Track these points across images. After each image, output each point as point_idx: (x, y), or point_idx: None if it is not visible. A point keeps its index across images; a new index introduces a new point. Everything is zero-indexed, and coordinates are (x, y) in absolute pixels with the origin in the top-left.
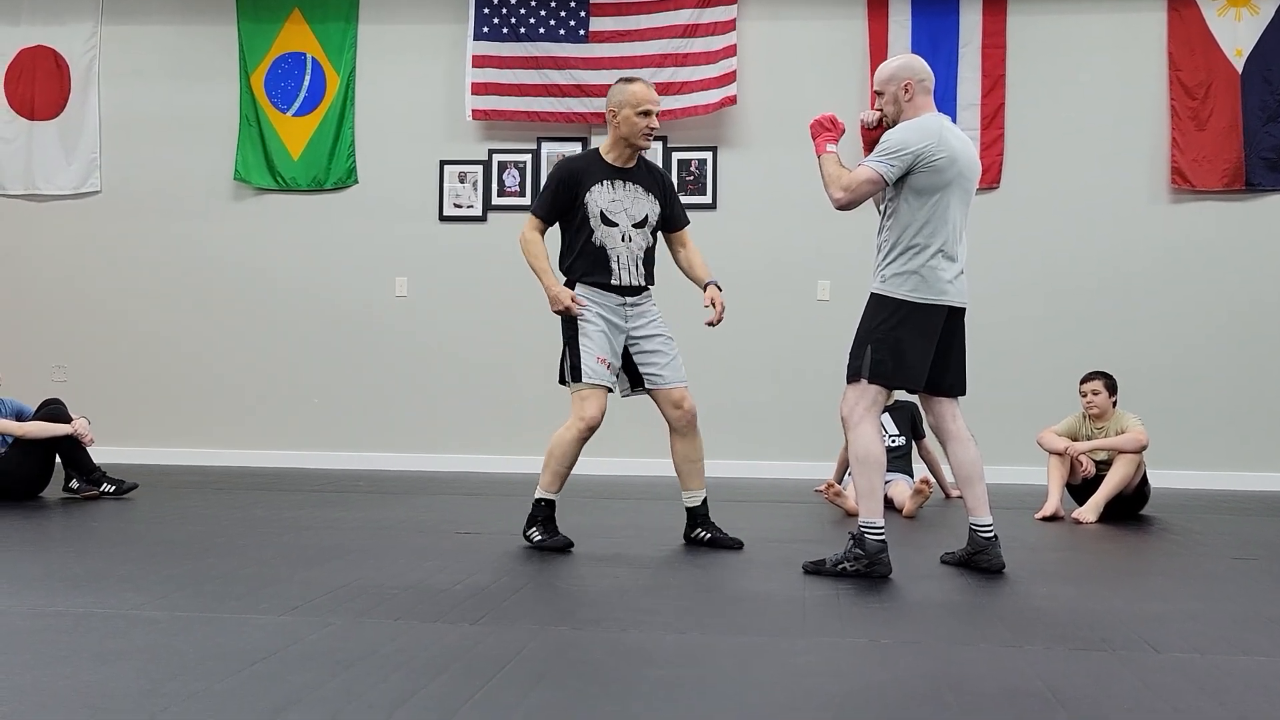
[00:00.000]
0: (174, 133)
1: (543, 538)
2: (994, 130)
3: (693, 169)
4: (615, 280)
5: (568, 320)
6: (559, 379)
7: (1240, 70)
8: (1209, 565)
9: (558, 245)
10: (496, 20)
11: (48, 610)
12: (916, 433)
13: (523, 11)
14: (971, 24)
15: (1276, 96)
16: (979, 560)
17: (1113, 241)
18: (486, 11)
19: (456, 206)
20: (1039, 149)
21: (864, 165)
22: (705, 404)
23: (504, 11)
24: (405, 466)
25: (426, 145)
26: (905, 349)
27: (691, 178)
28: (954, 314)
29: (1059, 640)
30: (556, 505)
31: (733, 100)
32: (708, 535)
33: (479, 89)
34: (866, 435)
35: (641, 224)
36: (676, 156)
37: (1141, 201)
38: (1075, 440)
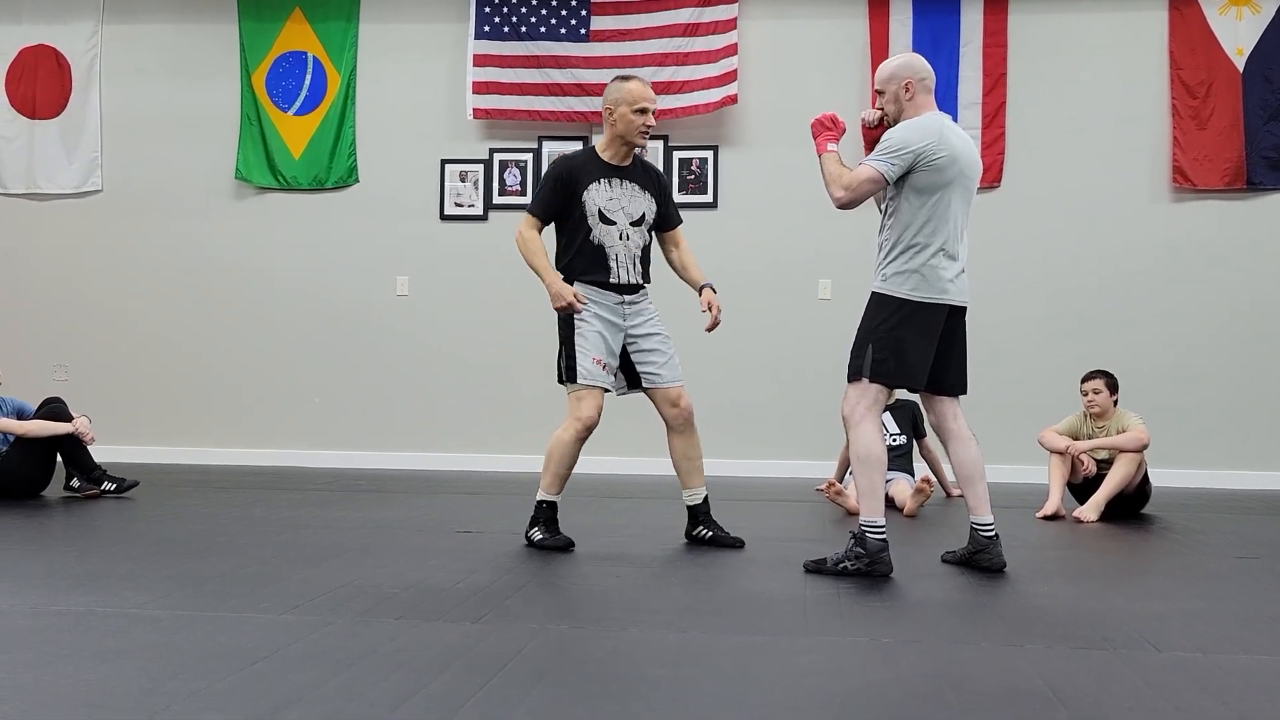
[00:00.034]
0: (175, 132)
1: (544, 537)
2: (995, 129)
3: (693, 168)
4: (613, 279)
5: (564, 320)
6: (557, 378)
7: (1241, 69)
8: (1210, 564)
9: (553, 245)
10: (498, 19)
11: (49, 609)
12: (918, 432)
13: (524, 10)
14: (973, 23)
15: (1277, 95)
16: (980, 559)
17: (1114, 240)
18: (487, 10)
19: (458, 206)
20: (1040, 148)
21: (865, 164)
22: (706, 403)
23: (505, 10)
24: (406, 466)
25: (428, 144)
26: (906, 348)
27: (692, 177)
28: (955, 313)
29: (1060, 639)
30: (559, 506)
31: (733, 99)
32: (709, 533)
33: (480, 88)
34: (868, 434)
35: (639, 222)
36: (677, 155)
37: (1143, 200)
38: (1076, 439)
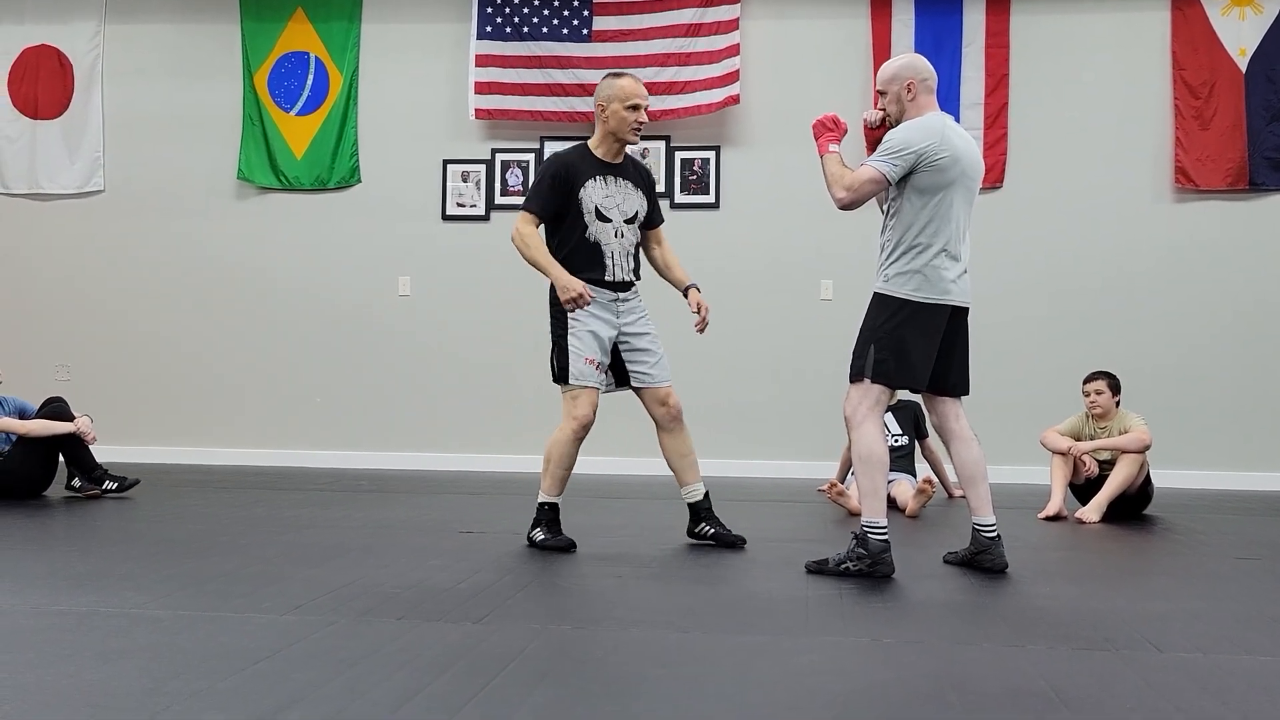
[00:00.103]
0: (177, 132)
1: (546, 537)
2: (997, 129)
3: (695, 168)
4: (609, 276)
5: (557, 319)
6: (551, 377)
7: (1244, 69)
8: (1212, 565)
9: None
10: (500, 19)
11: (50, 609)
12: (919, 432)
13: (526, 11)
14: (975, 23)
15: None
16: (982, 560)
17: (1116, 241)
18: (489, 11)
19: (459, 206)
20: (1042, 148)
21: (867, 165)
22: (708, 403)
23: (507, 11)
24: (407, 466)
25: (429, 144)
26: (908, 349)
27: (694, 177)
28: (957, 313)
29: (1062, 640)
30: (560, 507)
31: (735, 100)
32: (711, 531)
33: (482, 88)
34: (869, 435)
35: (632, 220)
36: (679, 156)
37: (1145, 201)
38: (1078, 440)
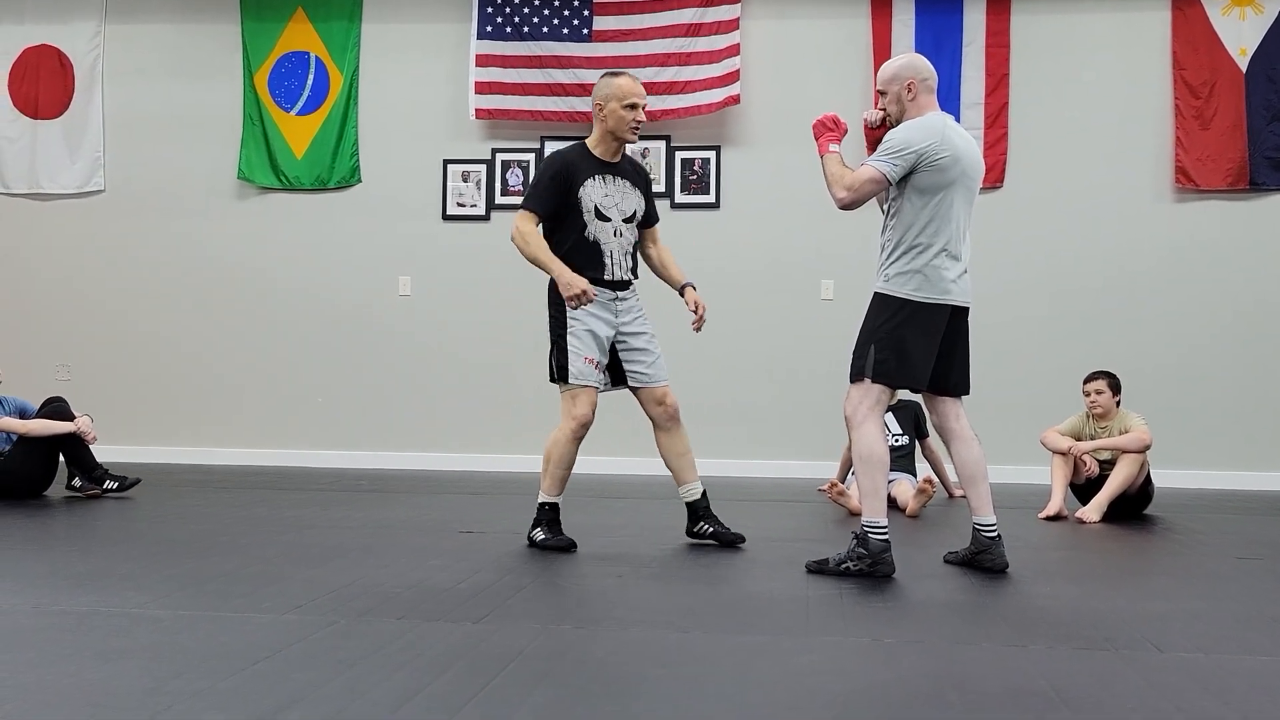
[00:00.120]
0: (177, 132)
1: (546, 537)
2: (998, 129)
3: (696, 168)
4: (608, 275)
5: (556, 319)
6: (549, 377)
7: (1244, 69)
8: (1213, 565)
9: None
10: (500, 19)
11: (51, 609)
12: (920, 432)
13: (526, 10)
14: (975, 23)
15: None
16: (982, 560)
17: (1117, 241)
18: (490, 10)
19: (460, 206)
20: (1043, 148)
21: (867, 164)
22: (709, 403)
23: (507, 10)
24: (408, 465)
25: (430, 144)
26: (909, 348)
27: (695, 177)
28: (958, 313)
29: (1062, 640)
30: (560, 507)
31: (736, 99)
32: (711, 529)
33: (482, 88)
34: (870, 435)
35: (630, 219)
36: (680, 156)
37: (1146, 201)
38: (1079, 440)
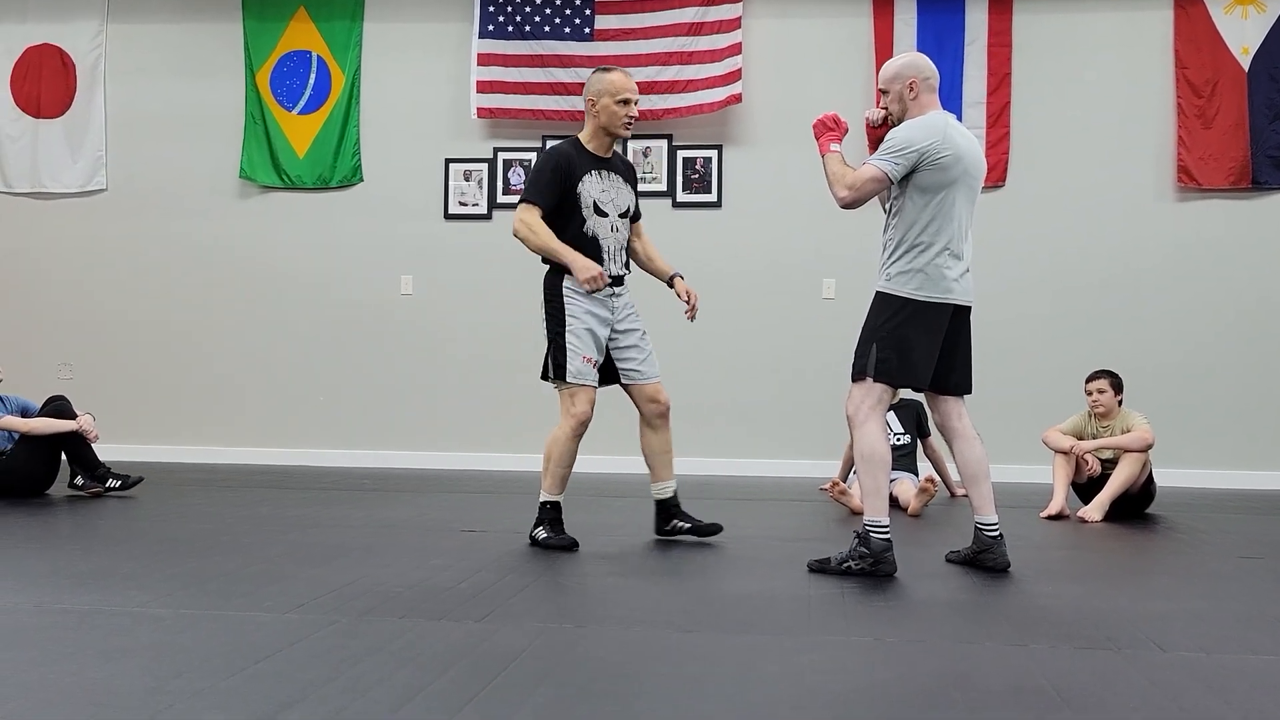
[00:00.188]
0: (179, 131)
1: (548, 536)
2: (1000, 128)
3: (697, 167)
4: (605, 270)
5: (554, 316)
6: (542, 374)
7: (1247, 68)
8: (1215, 564)
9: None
10: (501, 18)
11: (53, 607)
12: (921, 431)
13: (528, 9)
14: (977, 22)
15: None
16: (984, 559)
17: (1119, 240)
18: (491, 9)
19: (462, 205)
20: (1045, 147)
21: (868, 163)
22: (710, 402)
23: (509, 9)
24: (410, 464)
25: (431, 143)
26: (910, 347)
27: (696, 176)
28: (959, 312)
29: (1064, 639)
30: (562, 506)
31: (738, 99)
32: (687, 525)
33: (484, 87)
34: (872, 434)
35: (625, 214)
36: (681, 155)
37: (1148, 199)
38: (1081, 439)
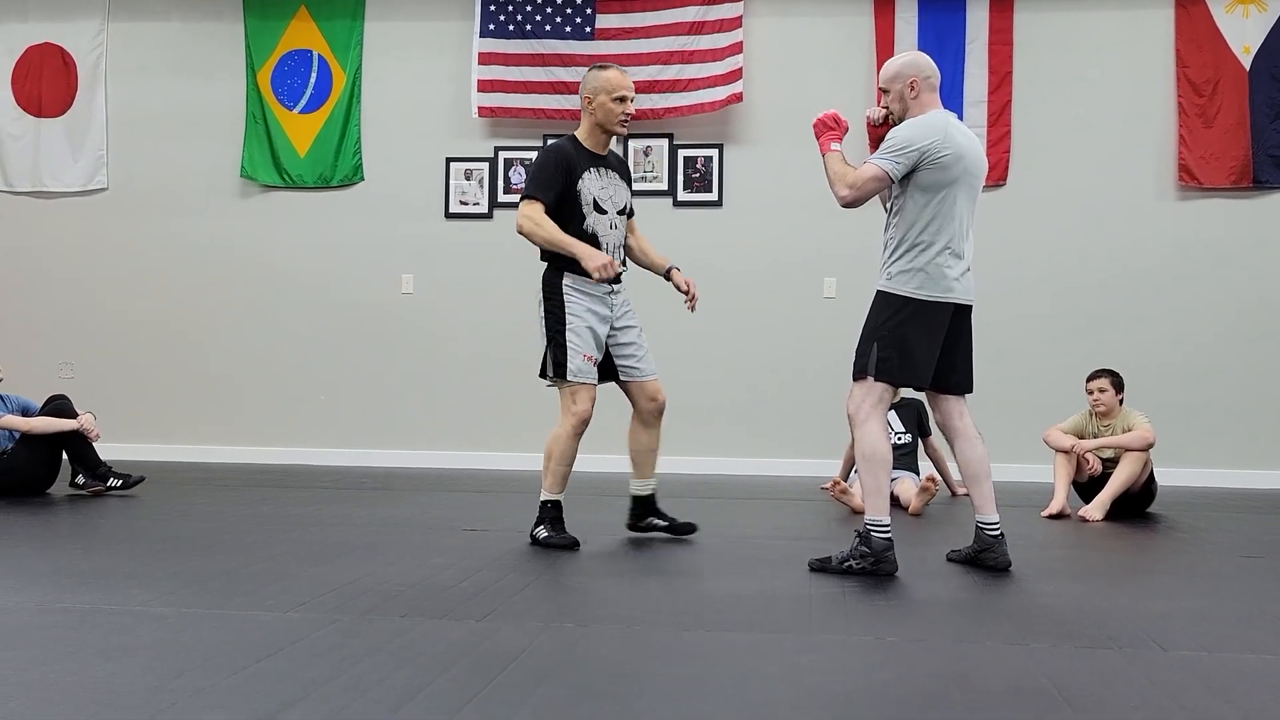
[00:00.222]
0: (180, 130)
1: (549, 535)
2: (1001, 127)
3: (698, 166)
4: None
5: (554, 315)
6: (540, 373)
7: (1248, 67)
8: (1216, 563)
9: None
10: (503, 17)
11: (54, 606)
12: (922, 430)
13: (529, 8)
14: (978, 20)
15: None
16: (985, 558)
17: (1120, 239)
18: (493, 8)
19: (462, 204)
20: (1046, 146)
21: (869, 162)
22: (710, 401)
23: (510, 8)
24: (411, 463)
25: (432, 142)
26: (911, 346)
27: (697, 175)
28: (960, 311)
29: (1065, 638)
30: (563, 505)
31: (739, 98)
32: (664, 523)
33: (485, 86)
34: (873, 433)
35: (623, 211)
36: (682, 154)
37: (1149, 199)
38: (1082, 438)
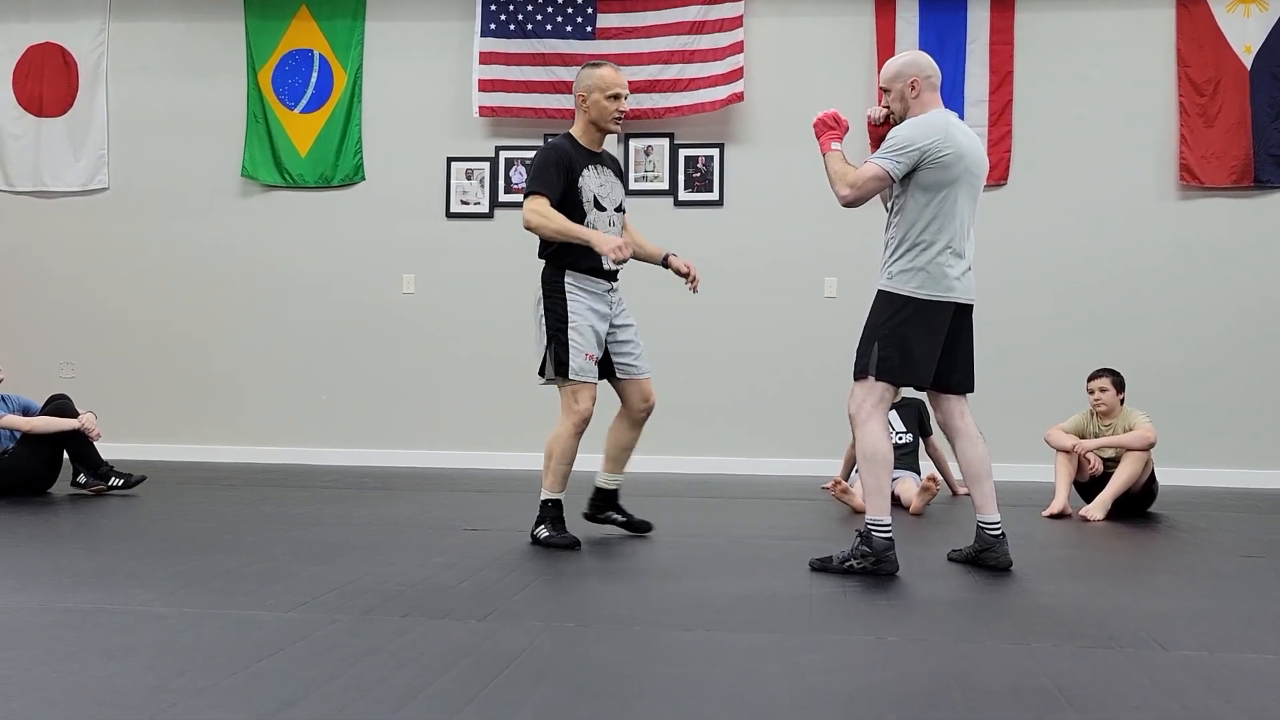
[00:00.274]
0: (181, 129)
1: (550, 535)
2: (1002, 127)
3: (699, 166)
4: (605, 265)
5: (555, 313)
6: (539, 371)
7: (1249, 67)
8: (1217, 563)
9: (536, 239)
10: (503, 17)
11: (56, 606)
12: (923, 430)
13: (529, 8)
14: (979, 20)
15: None
16: (986, 558)
17: (1121, 238)
18: (493, 8)
19: (463, 203)
20: (1047, 145)
21: (870, 162)
22: (711, 401)
23: (511, 8)
24: (412, 463)
25: (433, 142)
26: (912, 346)
27: (698, 174)
28: (961, 311)
29: (1066, 638)
30: (564, 505)
31: (739, 97)
32: (622, 519)
33: (486, 86)
34: (874, 432)
35: (619, 208)
36: (683, 153)
37: (1150, 198)
38: (1083, 438)
